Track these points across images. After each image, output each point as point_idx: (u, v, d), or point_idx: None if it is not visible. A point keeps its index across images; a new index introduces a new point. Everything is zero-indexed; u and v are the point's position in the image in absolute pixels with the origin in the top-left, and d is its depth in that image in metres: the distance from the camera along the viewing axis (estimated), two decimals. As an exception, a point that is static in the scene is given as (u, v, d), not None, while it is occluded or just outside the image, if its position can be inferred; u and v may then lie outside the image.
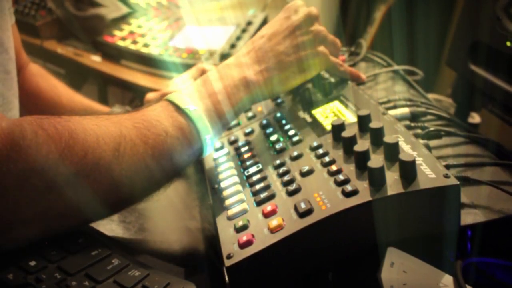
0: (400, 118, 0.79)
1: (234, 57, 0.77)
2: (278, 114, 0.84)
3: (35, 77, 1.10)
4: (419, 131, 0.75)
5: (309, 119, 0.78)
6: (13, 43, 0.87)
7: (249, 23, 1.51)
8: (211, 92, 0.71)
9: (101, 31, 1.64)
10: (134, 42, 1.56)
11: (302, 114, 0.80)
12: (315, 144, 0.69)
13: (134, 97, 1.50)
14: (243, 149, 0.78)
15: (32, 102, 1.08)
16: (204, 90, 0.71)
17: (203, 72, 0.92)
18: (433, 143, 0.74)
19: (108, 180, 0.58)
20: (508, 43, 0.82)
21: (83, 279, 0.51)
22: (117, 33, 1.62)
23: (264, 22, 1.48)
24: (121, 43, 1.57)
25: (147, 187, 0.64)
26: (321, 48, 0.79)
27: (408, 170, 0.55)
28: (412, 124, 0.77)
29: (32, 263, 0.51)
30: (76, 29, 1.71)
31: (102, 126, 0.59)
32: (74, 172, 0.54)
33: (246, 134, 0.83)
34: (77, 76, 1.66)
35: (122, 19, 1.70)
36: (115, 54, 1.58)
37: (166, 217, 0.83)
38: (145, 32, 1.62)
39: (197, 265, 0.70)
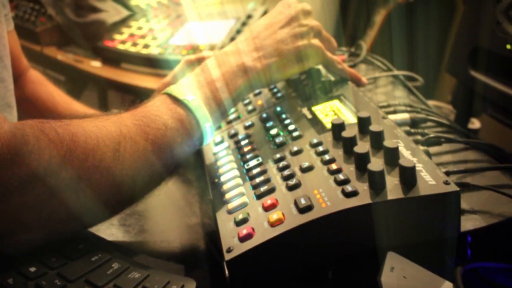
0: (400, 124, 0.79)
1: (232, 44, 0.78)
2: (278, 108, 0.84)
3: (33, 84, 1.10)
4: (419, 137, 0.75)
5: (309, 116, 0.78)
6: (11, 50, 0.86)
7: (249, 17, 1.52)
8: (210, 80, 0.71)
9: (101, 36, 1.64)
10: (134, 44, 1.56)
11: (302, 110, 0.80)
12: (315, 141, 0.69)
13: (135, 100, 1.50)
14: (243, 142, 0.78)
15: (32, 108, 1.08)
16: (202, 78, 0.71)
17: (203, 59, 0.93)
18: (433, 149, 0.75)
19: (109, 181, 0.58)
20: (508, 46, 0.82)
21: (83, 285, 0.51)
22: (117, 37, 1.63)
23: (264, 15, 1.49)
24: (121, 47, 1.57)
25: (149, 183, 0.64)
26: (316, 41, 0.79)
27: (408, 176, 0.55)
28: (412, 130, 0.77)
29: (32, 269, 0.51)
30: (76, 36, 1.71)
31: (102, 127, 0.59)
32: (76, 176, 0.54)
33: (246, 128, 0.83)
34: (77, 82, 1.67)
35: (123, 22, 1.70)
36: (115, 58, 1.58)
37: (166, 216, 0.83)
38: (146, 33, 1.62)
39: (197, 261, 0.70)
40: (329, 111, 0.77)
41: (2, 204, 0.51)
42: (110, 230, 0.75)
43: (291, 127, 0.75)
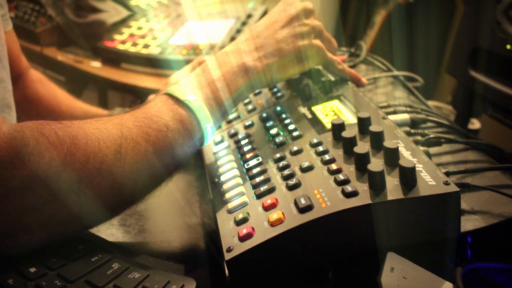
0: (400, 124, 0.79)
1: (232, 44, 0.77)
2: (278, 108, 0.84)
3: (34, 83, 1.10)
4: (419, 138, 0.75)
5: (309, 115, 0.78)
6: (10, 50, 0.86)
7: (249, 16, 1.52)
8: (210, 80, 0.71)
9: (101, 36, 1.64)
10: (134, 44, 1.56)
11: (302, 110, 0.80)
12: (315, 141, 0.69)
13: (135, 100, 1.50)
14: (243, 142, 0.78)
15: (33, 108, 1.08)
16: (203, 78, 0.71)
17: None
18: (433, 150, 0.75)
19: (110, 183, 0.58)
20: (508, 46, 0.82)
21: (83, 286, 0.51)
22: (117, 37, 1.63)
23: (264, 14, 1.49)
24: (121, 47, 1.58)
25: (149, 184, 0.64)
26: (317, 41, 0.79)
27: (408, 177, 0.55)
28: (412, 131, 0.77)
29: (32, 269, 0.51)
30: (76, 36, 1.71)
31: (103, 129, 0.59)
32: (77, 178, 0.54)
33: (246, 127, 0.83)
34: (77, 82, 1.67)
35: (123, 22, 1.70)
36: (115, 58, 1.58)
37: (165, 216, 0.83)
38: (146, 33, 1.62)
39: (197, 261, 0.70)
40: (329, 111, 0.77)
41: (2, 205, 0.51)
42: (110, 231, 0.75)
43: (291, 127, 0.75)
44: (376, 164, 0.56)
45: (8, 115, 0.83)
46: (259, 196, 0.63)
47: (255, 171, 0.68)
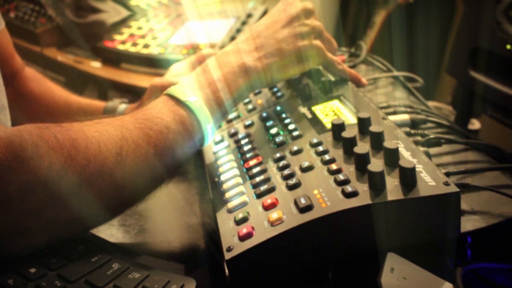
0: (400, 125, 0.79)
1: (233, 44, 0.77)
2: (278, 108, 0.84)
3: (30, 81, 1.09)
4: (419, 138, 0.75)
5: (309, 115, 0.78)
6: (4, 49, 0.85)
7: (249, 16, 1.52)
8: (211, 80, 0.70)
9: (101, 37, 1.64)
10: (134, 44, 1.56)
11: (302, 110, 0.80)
12: (315, 141, 0.69)
13: (134, 99, 1.50)
14: (243, 142, 0.78)
15: (30, 106, 1.08)
16: (203, 79, 0.71)
17: (203, 58, 0.91)
18: (433, 150, 0.75)
19: (111, 186, 0.58)
20: (508, 46, 0.82)
21: (83, 286, 0.51)
22: (117, 37, 1.63)
23: (264, 14, 1.49)
24: (121, 47, 1.57)
25: (150, 186, 0.64)
26: (317, 42, 0.79)
27: (408, 177, 0.55)
28: (412, 131, 0.77)
29: (32, 270, 0.51)
30: (76, 36, 1.71)
31: (103, 132, 0.59)
32: (78, 182, 0.54)
33: (246, 127, 0.83)
34: (77, 83, 1.66)
35: (123, 22, 1.70)
36: (115, 59, 1.58)
37: (165, 216, 0.83)
38: (146, 33, 1.62)
39: (197, 261, 0.70)
40: (329, 111, 0.77)
41: (3, 209, 0.50)
42: (110, 231, 0.75)
43: (291, 127, 0.75)
44: (376, 164, 0.56)
45: (3, 116, 0.82)
46: (259, 195, 0.63)
47: (255, 170, 0.68)
